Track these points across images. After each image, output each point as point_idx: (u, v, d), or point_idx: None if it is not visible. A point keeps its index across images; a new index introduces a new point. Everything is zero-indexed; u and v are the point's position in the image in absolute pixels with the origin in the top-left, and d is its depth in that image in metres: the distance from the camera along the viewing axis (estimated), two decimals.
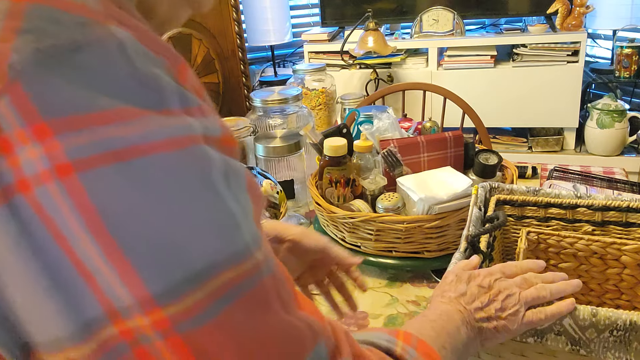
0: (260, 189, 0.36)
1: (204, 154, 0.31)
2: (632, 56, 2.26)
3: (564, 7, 2.25)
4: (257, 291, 0.31)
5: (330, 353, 0.36)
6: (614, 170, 1.42)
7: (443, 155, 1.11)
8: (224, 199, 0.31)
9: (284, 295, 0.33)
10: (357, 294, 0.99)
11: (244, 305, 0.30)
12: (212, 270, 0.29)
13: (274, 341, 0.32)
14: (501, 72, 2.35)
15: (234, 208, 0.31)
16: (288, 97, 1.33)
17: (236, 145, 0.35)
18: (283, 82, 2.54)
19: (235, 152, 0.34)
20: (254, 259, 0.31)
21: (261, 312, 0.31)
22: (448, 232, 0.97)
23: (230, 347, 0.30)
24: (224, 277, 0.29)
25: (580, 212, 0.77)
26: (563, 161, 2.16)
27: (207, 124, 0.32)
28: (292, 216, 1.27)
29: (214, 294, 0.29)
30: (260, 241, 0.33)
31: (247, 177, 0.34)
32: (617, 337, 0.54)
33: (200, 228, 0.29)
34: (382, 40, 2.15)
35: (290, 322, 0.33)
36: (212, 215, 0.30)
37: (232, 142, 0.34)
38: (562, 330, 0.56)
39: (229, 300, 0.30)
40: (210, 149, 0.31)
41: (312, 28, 2.83)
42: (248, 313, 0.31)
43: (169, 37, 2.08)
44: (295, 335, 0.33)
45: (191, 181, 0.30)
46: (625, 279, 0.73)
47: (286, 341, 0.33)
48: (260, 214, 0.35)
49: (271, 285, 0.32)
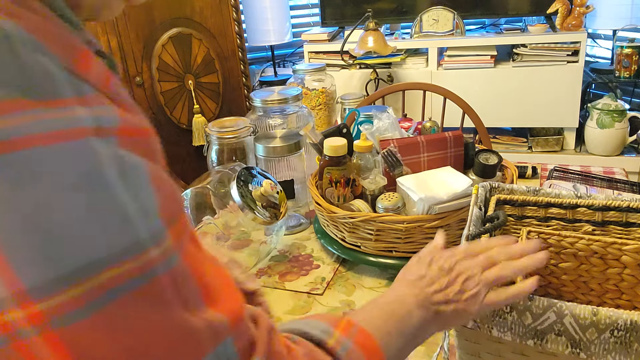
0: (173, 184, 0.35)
1: (90, 148, 0.30)
2: (632, 56, 2.26)
3: (564, 7, 2.25)
4: (149, 289, 0.31)
5: (240, 351, 0.36)
6: (614, 170, 1.42)
7: (443, 155, 1.11)
8: (113, 194, 0.30)
9: (186, 293, 0.33)
10: (358, 293, 0.99)
11: (132, 302, 0.30)
12: (95, 266, 0.29)
13: (162, 340, 0.31)
14: (501, 72, 2.35)
15: (127, 203, 0.30)
16: (288, 97, 1.33)
17: (144, 136, 0.34)
18: (283, 82, 2.54)
19: (142, 144, 0.33)
20: (146, 256, 0.30)
21: (152, 310, 0.31)
22: (448, 232, 0.97)
23: (113, 345, 0.30)
24: (109, 273, 0.29)
25: (581, 212, 0.77)
26: (563, 161, 2.16)
27: (102, 115, 0.31)
28: (292, 216, 1.27)
29: (97, 289, 0.29)
30: (162, 237, 0.32)
31: (151, 172, 0.33)
32: (617, 337, 0.54)
33: (83, 223, 0.29)
34: (382, 40, 2.15)
35: (187, 321, 0.32)
36: (96, 210, 0.29)
37: (136, 133, 0.33)
38: (563, 329, 0.56)
39: (114, 297, 0.29)
40: (99, 141, 0.30)
41: (312, 28, 2.83)
42: (136, 310, 0.30)
43: (169, 37, 2.08)
44: (189, 335, 0.32)
45: (73, 175, 0.29)
46: (625, 279, 0.73)
47: (178, 341, 0.32)
48: (174, 210, 0.34)
49: (168, 283, 0.32)
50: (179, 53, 2.14)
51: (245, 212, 1.00)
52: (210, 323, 0.34)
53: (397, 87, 1.84)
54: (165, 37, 2.08)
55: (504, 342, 0.61)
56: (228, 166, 1.14)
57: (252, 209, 1.00)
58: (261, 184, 1.05)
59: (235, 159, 1.28)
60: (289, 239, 1.20)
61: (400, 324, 0.54)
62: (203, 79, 2.22)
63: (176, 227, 0.34)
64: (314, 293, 0.99)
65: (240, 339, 0.36)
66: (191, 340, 0.33)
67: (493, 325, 0.60)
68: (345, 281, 1.03)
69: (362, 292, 0.99)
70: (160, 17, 2.06)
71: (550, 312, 0.56)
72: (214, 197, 1.12)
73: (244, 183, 1.03)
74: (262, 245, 1.12)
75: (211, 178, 1.14)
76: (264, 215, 1.02)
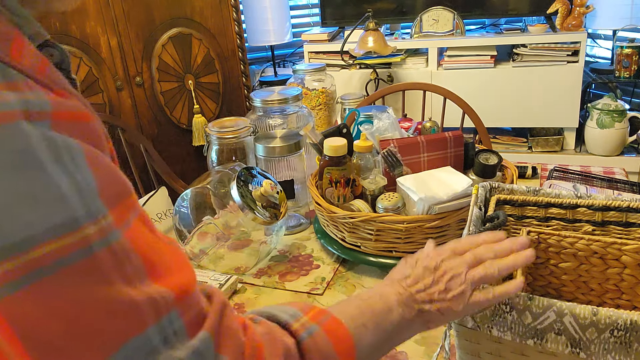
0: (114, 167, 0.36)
1: (21, 130, 0.31)
2: (632, 56, 2.26)
3: (564, 7, 2.25)
4: (87, 264, 0.32)
5: (188, 324, 0.37)
6: (614, 170, 1.42)
7: (443, 155, 1.11)
8: (46, 173, 0.31)
9: (128, 269, 0.34)
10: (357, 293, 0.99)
11: (70, 276, 0.31)
12: (30, 242, 0.30)
13: (102, 314, 0.33)
14: (501, 72, 2.35)
15: (61, 182, 0.32)
16: (288, 97, 1.33)
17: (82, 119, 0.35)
18: (283, 82, 2.54)
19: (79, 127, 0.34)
20: (82, 233, 0.32)
21: (91, 284, 0.32)
22: (448, 232, 0.97)
23: (52, 318, 0.31)
24: (45, 248, 0.30)
25: (581, 212, 0.77)
26: (563, 161, 2.16)
27: (32, 100, 0.32)
28: (292, 216, 1.27)
29: (32, 263, 0.30)
30: (100, 215, 0.33)
31: (87, 154, 0.34)
32: (617, 337, 0.54)
33: (17, 202, 0.30)
34: (382, 40, 2.15)
35: (127, 295, 0.34)
36: (30, 189, 0.31)
37: (72, 117, 0.34)
38: (563, 328, 0.56)
39: (51, 271, 0.31)
40: (30, 124, 0.32)
41: (312, 28, 2.84)
42: (75, 285, 0.32)
43: (169, 37, 2.08)
44: (130, 308, 0.34)
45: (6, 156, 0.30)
46: (625, 279, 0.73)
47: (118, 314, 0.33)
48: (117, 191, 0.36)
49: (108, 259, 0.33)
50: (179, 53, 2.14)
51: (245, 212, 1.00)
52: (152, 297, 0.35)
53: (397, 87, 1.84)
54: (165, 37, 2.08)
55: (504, 342, 0.61)
56: (228, 166, 1.14)
57: (252, 209, 1.00)
58: (261, 184, 1.05)
59: (235, 159, 1.28)
60: (289, 239, 1.20)
61: (377, 318, 0.54)
62: (203, 79, 2.22)
63: (120, 207, 0.35)
64: (314, 293, 0.99)
65: (188, 313, 0.38)
66: (132, 313, 0.34)
67: (493, 325, 0.60)
68: (345, 281, 1.03)
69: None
70: (160, 17, 2.06)
71: (550, 311, 0.56)
72: (214, 197, 1.12)
73: (244, 183, 1.03)
74: (262, 245, 1.12)
75: (211, 178, 1.14)
76: (264, 215, 1.02)
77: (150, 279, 0.36)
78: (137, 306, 0.34)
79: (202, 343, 0.38)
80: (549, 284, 0.79)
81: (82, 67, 1.92)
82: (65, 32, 1.86)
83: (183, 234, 1.14)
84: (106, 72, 1.98)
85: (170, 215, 1.67)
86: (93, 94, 1.96)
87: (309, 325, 0.48)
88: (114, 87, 2.01)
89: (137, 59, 2.05)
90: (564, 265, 0.75)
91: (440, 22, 2.43)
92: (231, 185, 1.02)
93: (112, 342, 0.33)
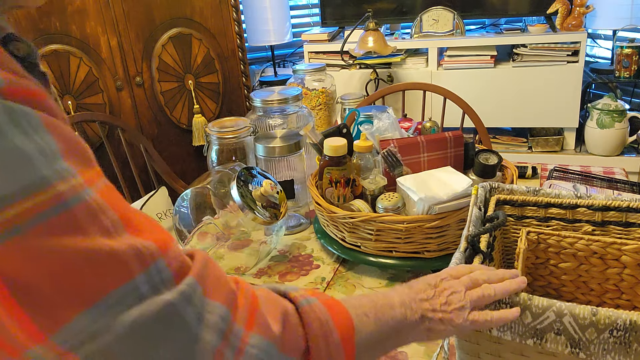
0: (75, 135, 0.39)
1: None
2: (632, 56, 2.26)
3: (564, 7, 2.25)
4: (63, 218, 0.34)
5: (174, 272, 0.39)
6: (614, 170, 1.42)
7: (443, 155, 1.11)
8: (7, 137, 0.33)
9: (105, 222, 0.36)
10: (358, 293, 0.99)
11: (48, 231, 0.33)
12: (4, 201, 0.32)
13: (86, 265, 0.34)
14: (501, 72, 2.35)
15: (23, 145, 0.33)
16: (288, 97, 1.33)
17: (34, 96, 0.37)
18: (283, 82, 2.54)
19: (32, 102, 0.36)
20: (53, 190, 0.34)
21: (70, 237, 0.34)
22: (448, 232, 0.97)
23: (36, 270, 0.33)
24: (18, 207, 0.33)
25: (580, 212, 0.77)
26: (563, 161, 2.16)
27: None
28: (292, 216, 1.27)
29: (7, 223, 0.32)
30: (69, 175, 0.35)
31: (44, 119, 0.36)
32: (617, 337, 0.54)
33: None
34: (382, 40, 2.15)
35: (108, 246, 0.36)
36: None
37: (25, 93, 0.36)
38: (562, 328, 0.56)
39: (29, 226, 0.33)
40: None
41: (312, 28, 2.83)
42: (54, 238, 0.34)
43: (169, 37, 2.08)
44: (114, 258, 0.36)
45: None
46: (625, 279, 0.73)
47: (103, 264, 0.35)
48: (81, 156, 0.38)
49: (84, 213, 0.35)
50: (179, 53, 2.14)
51: (245, 212, 1.00)
52: (135, 247, 0.37)
53: (397, 87, 1.84)
54: (165, 37, 2.08)
55: (504, 342, 0.61)
56: (228, 166, 1.14)
57: (252, 209, 1.00)
58: (261, 184, 1.05)
59: (235, 159, 1.28)
60: (289, 239, 1.20)
61: (379, 311, 0.54)
62: (203, 79, 2.22)
63: (87, 171, 0.37)
64: None
65: (173, 263, 0.39)
66: (116, 262, 0.36)
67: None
68: (345, 281, 1.03)
69: (362, 292, 0.99)
70: (160, 17, 2.06)
71: (550, 311, 0.56)
72: (214, 197, 1.12)
73: (244, 183, 1.03)
74: (262, 245, 1.12)
75: (211, 178, 1.14)
76: (264, 215, 1.02)
77: (128, 232, 0.37)
78: (119, 255, 0.36)
79: (188, 287, 0.39)
80: (549, 284, 0.79)
81: (82, 67, 1.92)
82: (66, 32, 1.86)
83: (183, 234, 1.14)
84: (106, 72, 1.98)
85: (170, 215, 1.67)
86: (93, 94, 1.96)
87: (308, 297, 0.49)
88: (114, 87, 2.01)
89: (137, 59, 2.05)
90: (563, 265, 0.75)
91: (440, 22, 2.43)
92: (231, 185, 1.02)
93: (96, 290, 0.35)
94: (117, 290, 0.35)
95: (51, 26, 1.83)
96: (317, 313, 0.48)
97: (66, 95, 1.90)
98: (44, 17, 1.81)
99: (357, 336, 0.50)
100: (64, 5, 1.84)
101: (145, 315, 0.36)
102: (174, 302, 0.37)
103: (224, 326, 0.40)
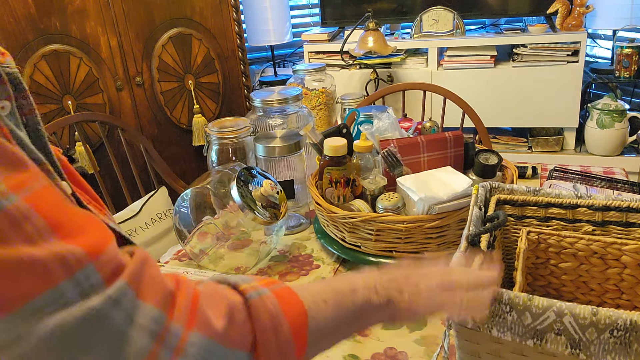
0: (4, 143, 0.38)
1: None
2: (632, 56, 2.26)
3: (564, 7, 2.25)
4: None
5: (105, 276, 0.39)
6: (614, 170, 1.42)
7: (443, 155, 1.11)
8: None
9: (28, 229, 0.36)
10: None
11: None
12: None
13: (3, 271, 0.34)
14: (501, 72, 2.35)
15: None
16: (288, 97, 1.33)
17: None
18: (283, 82, 2.54)
19: None
20: None
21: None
22: (448, 232, 0.97)
23: None
24: None
25: (581, 212, 0.77)
26: (563, 161, 2.16)
27: None
28: (292, 216, 1.27)
29: None
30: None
31: None
32: (617, 338, 0.54)
33: None
34: (382, 40, 2.15)
35: (27, 253, 0.35)
36: None
37: None
38: (562, 329, 0.56)
39: None
40: None
41: (312, 28, 2.83)
42: None
43: (169, 37, 2.08)
44: (32, 266, 0.35)
45: None
46: (625, 279, 0.73)
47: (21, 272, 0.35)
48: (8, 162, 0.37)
49: (4, 222, 0.35)
50: (179, 53, 2.14)
51: (245, 212, 1.00)
52: (59, 253, 0.37)
53: (397, 87, 1.84)
54: (165, 37, 2.08)
55: (504, 342, 0.61)
56: (228, 166, 1.14)
57: (252, 209, 1.00)
58: (261, 184, 1.05)
59: (235, 159, 1.28)
60: (289, 239, 1.20)
61: (339, 296, 0.54)
62: (203, 79, 2.22)
63: (13, 176, 0.37)
64: None
65: (105, 267, 0.39)
66: (37, 270, 0.36)
67: (493, 325, 0.60)
68: None
69: None
70: (160, 17, 2.06)
71: (550, 311, 0.56)
72: (214, 197, 1.12)
73: (244, 183, 1.03)
74: (262, 245, 1.12)
75: (211, 178, 1.14)
76: (264, 215, 1.02)
77: (57, 237, 0.37)
78: (41, 263, 0.36)
79: (117, 290, 0.39)
80: (549, 284, 0.79)
81: (82, 67, 1.92)
82: (66, 32, 1.86)
83: (183, 234, 1.14)
84: (106, 72, 1.98)
85: (170, 215, 1.67)
86: (93, 94, 1.96)
87: (259, 288, 0.49)
88: (114, 87, 2.01)
89: (137, 59, 2.05)
90: (564, 265, 0.75)
91: (440, 22, 2.43)
92: (231, 185, 1.02)
93: (15, 297, 0.35)
94: (39, 297, 0.35)
95: (51, 26, 1.83)
96: (267, 305, 0.47)
97: (66, 95, 1.90)
98: (44, 17, 1.81)
99: (311, 325, 0.50)
100: (64, 5, 1.84)
101: (67, 320, 0.36)
102: (98, 307, 0.37)
103: (157, 327, 0.40)
